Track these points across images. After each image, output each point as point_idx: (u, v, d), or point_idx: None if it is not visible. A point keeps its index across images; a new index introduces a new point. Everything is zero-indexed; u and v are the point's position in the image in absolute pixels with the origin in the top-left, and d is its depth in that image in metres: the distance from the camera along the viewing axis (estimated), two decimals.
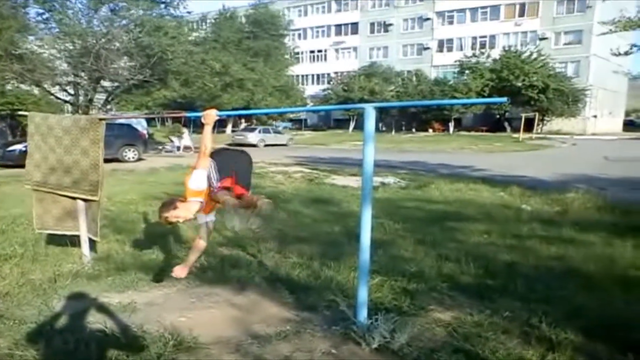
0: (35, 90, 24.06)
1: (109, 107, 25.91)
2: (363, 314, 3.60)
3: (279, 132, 37.51)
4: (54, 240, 5.73)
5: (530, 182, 12.48)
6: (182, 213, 3.64)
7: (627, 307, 4.02)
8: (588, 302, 4.14)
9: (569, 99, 47.99)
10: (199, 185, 3.66)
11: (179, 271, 3.92)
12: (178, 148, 25.01)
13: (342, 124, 59.39)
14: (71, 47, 20.98)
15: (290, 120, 61.32)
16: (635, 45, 16.30)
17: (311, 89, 63.04)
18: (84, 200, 5.07)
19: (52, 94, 24.47)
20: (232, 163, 4.01)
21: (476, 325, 3.68)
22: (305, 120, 64.30)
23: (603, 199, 9.66)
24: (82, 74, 21.78)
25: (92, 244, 5.33)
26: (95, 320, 3.72)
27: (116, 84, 23.52)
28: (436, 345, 3.38)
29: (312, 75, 67.08)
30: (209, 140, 4.10)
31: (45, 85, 22.99)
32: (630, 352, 3.17)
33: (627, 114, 69.36)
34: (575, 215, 8.27)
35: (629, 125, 63.54)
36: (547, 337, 3.47)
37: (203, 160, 4.06)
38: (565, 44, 52.30)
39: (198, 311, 4.02)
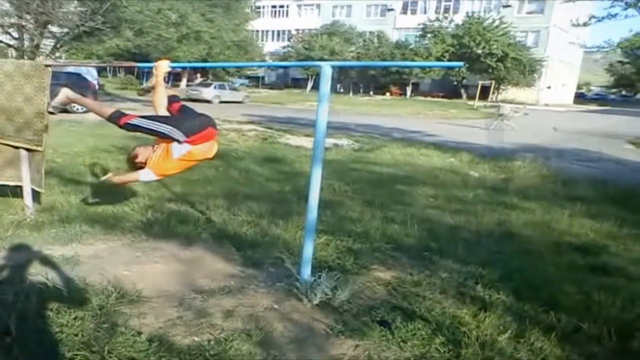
0: None
1: (57, 54, 24.65)
2: (307, 272, 3.69)
3: (235, 89, 36.90)
4: None
5: (479, 150, 12.81)
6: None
7: (556, 271, 4.26)
8: (522, 265, 4.36)
9: (525, 69, 48.93)
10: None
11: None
12: None
13: (300, 83, 58.85)
14: None
15: (248, 77, 60.24)
16: (593, 17, 16.69)
17: (271, 46, 61.85)
18: (27, 150, 4.91)
19: None
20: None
21: (415, 284, 3.84)
22: (263, 77, 63.32)
23: (547, 168, 10.04)
24: (28, 17, 20.47)
25: (36, 195, 5.19)
26: (36, 272, 3.66)
27: (65, 29, 22.30)
28: (375, 303, 3.52)
29: (273, 32, 65.71)
30: (161, 95, 3.97)
31: None
32: (552, 310, 3.39)
33: (579, 86, 71.48)
34: (520, 183, 8.59)
35: (580, 98, 65.61)
36: (481, 297, 3.66)
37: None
38: (527, 12, 52.82)
39: (143, 265, 4.01)
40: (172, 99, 4.06)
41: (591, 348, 3.05)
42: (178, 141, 3.74)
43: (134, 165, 4.05)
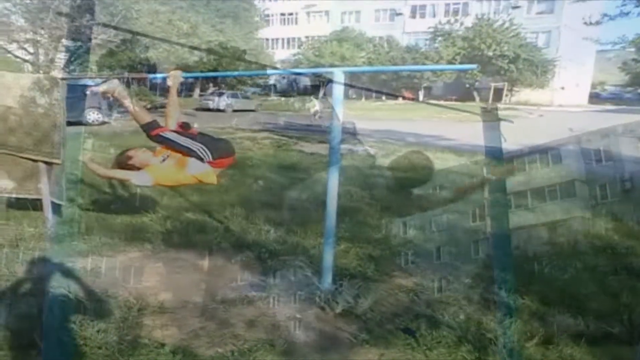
0: None
1: (72, 67, 24.98)
2: (328, 280, 3.66)
3: (247, 97, 37.01)
4: (16, 204, 5.58)
5: (495, 152, 12.65)
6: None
7: (581, 273, 4.19)
8: (547, 269, 4.29)
9: (538, 70, 48.47)
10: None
11: None
12: None
13: (312, 90, 58.87)
14: (28, 1, 19.96)
15: (259, 85, 60.43)
16: (606, 15, 16.52)
17: (281, 54, 61.95)
18: (46, 163, 4.95)
19: (9, 52, 23.40)
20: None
21: (438, 291, 3.79)
22: (275, 85, 63.43)
23: (565, 169, 9.90)
24: (42, 32, 20.78)
25: (56, 207, 5.21)
26: (58, 285, 3.67)
27: (79, 43, 22.61)
28: (398, 310, 3.48)
29: (282, 39, 65.84)
30: (173, 106, 3.98)
31: (1, 42, 21.93)
32: (580, 314, 3.33)
33: (593, 86, 70.60)
34: (538, 185, 8.47)
35: (595, 98, 64.81)
36: (506, 302, 3.59)
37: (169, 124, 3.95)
38: (537, 13, 52.32)
39: (164, 276, 4.01)
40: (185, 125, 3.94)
41: (623, 352, 2.98)
42: (202, 159, 3.70)
43: (125, 166, 4.00)
